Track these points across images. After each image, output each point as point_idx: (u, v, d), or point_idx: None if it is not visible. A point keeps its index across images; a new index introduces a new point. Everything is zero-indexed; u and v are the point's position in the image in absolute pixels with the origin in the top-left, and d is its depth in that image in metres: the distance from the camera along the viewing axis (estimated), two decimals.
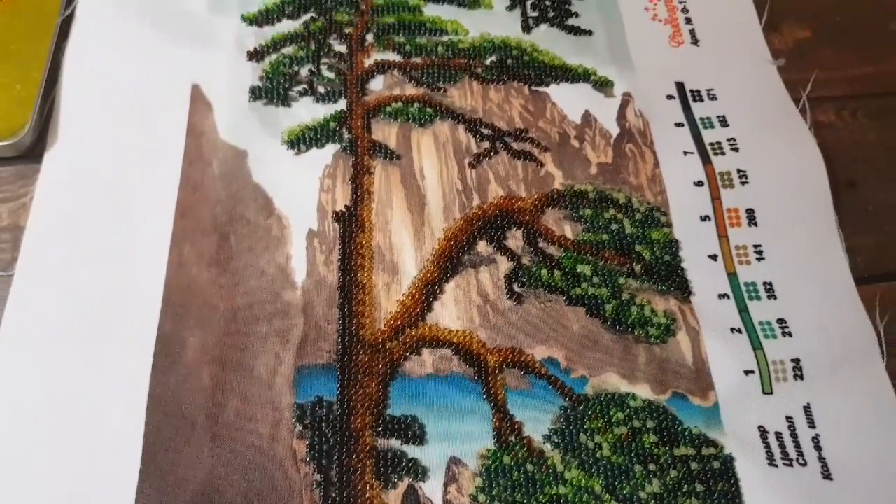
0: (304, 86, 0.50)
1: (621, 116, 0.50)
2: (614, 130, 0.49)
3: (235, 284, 0.43)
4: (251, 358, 0.41)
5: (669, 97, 0.51)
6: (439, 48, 0.52)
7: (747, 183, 0.47)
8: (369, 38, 0.52)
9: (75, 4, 0.51)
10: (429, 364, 0.41)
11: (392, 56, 0.52)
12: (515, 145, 0.49)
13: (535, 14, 0.54)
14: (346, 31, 0.52)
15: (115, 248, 0.43)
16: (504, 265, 0.44)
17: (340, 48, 0.52)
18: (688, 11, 0.55)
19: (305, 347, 0.41)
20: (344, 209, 0.45)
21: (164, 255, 0.43)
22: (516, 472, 0.38)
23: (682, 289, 0.44)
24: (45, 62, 0.48)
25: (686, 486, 0.38)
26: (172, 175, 0.46)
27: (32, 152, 0.46)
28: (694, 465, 0.39)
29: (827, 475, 0.39)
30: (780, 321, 0.43)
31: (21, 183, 0.46)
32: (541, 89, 0.51)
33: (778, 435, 0.40)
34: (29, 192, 0.45)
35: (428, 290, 0.43)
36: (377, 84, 0.51)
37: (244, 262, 0.43)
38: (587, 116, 0.50)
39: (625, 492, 0.38)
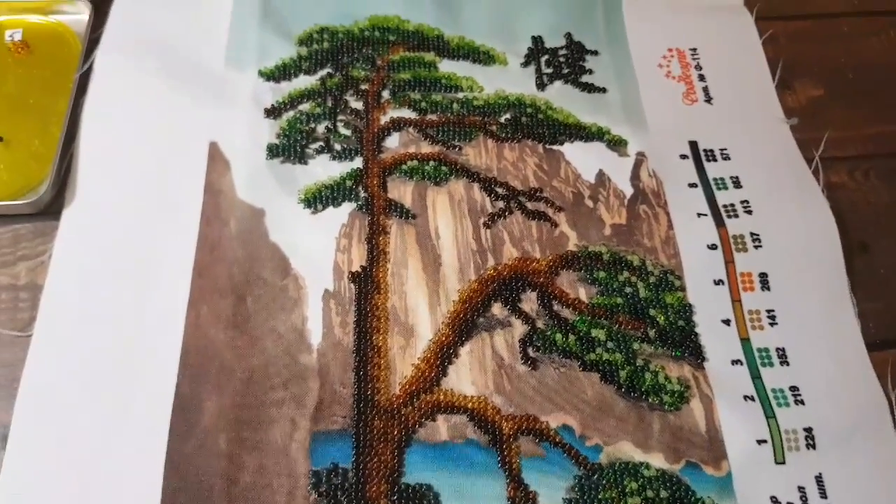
0: (321, 143, 0.50)
1: (635, 176, 0.50)
2: (628, 191, 0.50)
3: (252, 347, 0.43)
4: (267, 423, 0.41)
5: (683, 157, 0.51)
6: (454, 105, 0.52)
7: (760, 247, 0.47)
8: (385, 94, 0.53)
9: (93, 59, 0.51)
10: (444, 430, 0.41)
11: (408, 113, 0.52)
12: (530, 205, 0.49)
13: (550, 71, 0.55)
14: (363, 87, 0.53)
15: (132, 308, 0.44)
16: (519, 328, 0.45)
17: (357, 105, 0.52)
18: (701, 68, 0.55)
19: (321, 412, 0.41)
20: (360, 270, 0.46)
21: (182, 316, 0.43)
22: None
23: (695, 354, 0.44)
24: (63, 117, 0.49)
25: None
26: (190, 234, 0.46)
27: (51, 209, 0.47)
28: None
29: None
30: (793, 388, 0.43)
31: (40, 240, 0.46)
32: (555, 147, 0.51)
33: None
34: (47, 249, 0.46)
35: (443, 354, 0.43)
36: (393, 141, 0.51)
37: (261, 324, 0.44)
38: (601, 176, 0.50)
39: None
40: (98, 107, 0.50)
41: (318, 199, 0.48)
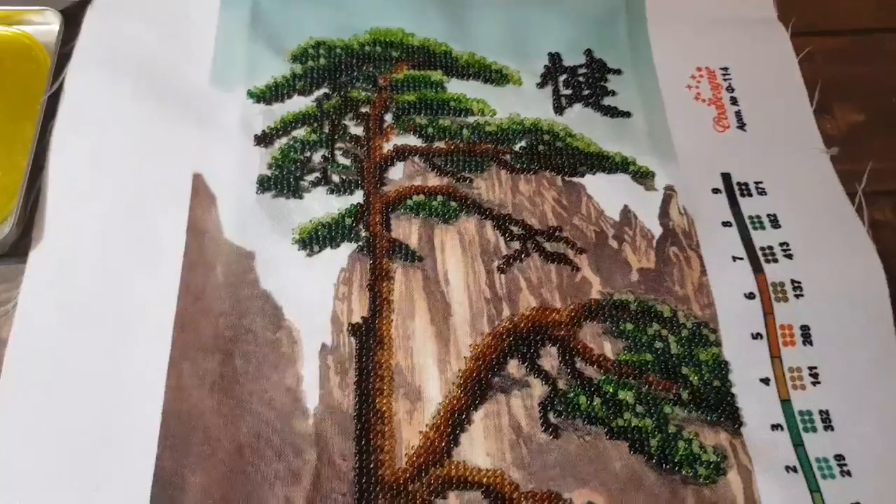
0: (317, 174, 0.45)
1: (664, 214, 0.46)
2: (656, 230, 0.45)
3: (241, 412, 0.38)
4: (258, 503, 0.36)
5: (715, 191, 0.47)
6: (464, 131, 0.48)
7: (802, 296, 0.43)
8: (388, 118, 0.48)
9: (63, 77, 0.46)
10: None
11: (413, 140, 0.47)
12: (548, 246, 0.44)
13: (568, 92, 0.50)
14: (363, 110, 0.48)
15: (107, 368, 0.39)
16: (538, 389, 0.40)
17: (357, 130, 0.47)
18: (733, 90, 0.51)
19: (318, 490, 0.37)
20: (361, 321, 0.41)
21: (162, 377, 0.39)
22: None
23: (732, 419, 0.40)
24: (29, 146, 0.44)
25: None
26: (172, 282, 0.41)
27: (16, 251, 0.42)
28: None
29: None
30: (838, 457, 0.39)
31: (3, 287, 0.41)
32: (575, 179, 0.47)
33: None
34: (12, 298, 0.41)
35: (454, 420, 0.39)
36: (397, 172, 0.46)
37: (250, 386, 0.39)
38: (626, 213, 0.46)
39: None
40: (68, 133, 0.45)
41: (314, 239, 0.43)
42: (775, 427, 0.40)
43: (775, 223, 0.46)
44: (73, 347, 0.39)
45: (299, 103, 0.48)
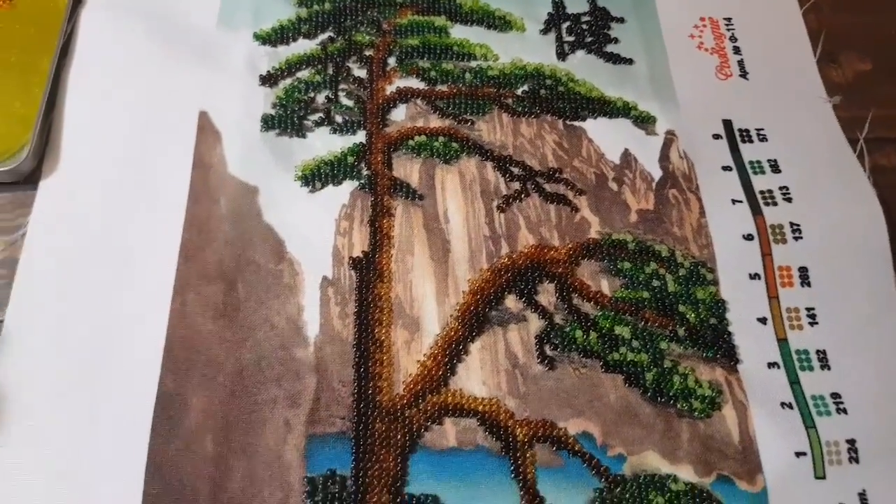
0: (321, 114, 0.46)
1: (664, 157, 0.46)
2: (656, 173, 0.45)
3: (243, 339, 0.39)
4: (259, 424, 0.37)
5: (716, 136, 0.47)
6: (467, 75, 0.48)
7: (801, 238, 0.43)
8: (391, 62, 0.48)
9: (77, 17, 0.47)
10: (451, 435, 0.38)
11: (416, 83, 0.48)
12: (548, 187, 0.45)
13: (572, 39, 0.50)
14: (367, 53, 0.48)
15: (113, 295, 0.40)
16: (535, 323, 0.41)
17: (360, 73, 0.48)
18: (736, 40, 0.51)
19: (318, 413, 0.38)
20: (362, 255, 0.42)
21: (167, 303, 0.40)
22: None
23: (728, 356, 0.40)
24: (46, 78, 0.45)
25: None
26: (177, 213, 0.42)
27: (31, 178, 0.43)
28: None
29: None
30: (835, 395, 0.40)
31: (19, 212, 0.42)
32: (576, 124, 0.47)
33: None
34: (26, 223, 0.42)
35: (451, 351, 0.40)
36: (399, 114, 0.47)
37: (252, 314, 0.40)
38: (627, 156, 0.46)
39: None
40: (82, 69, 0.46)
41: (316, 176, 0.44)
42: (771, 365, 0.40)
43: (775, 168, 0.46)
44: (79, 276, 0.40)
45: (304, 46, 0.48)
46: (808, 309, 0.42)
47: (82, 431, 0.37)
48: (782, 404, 0.39)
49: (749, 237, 0.43)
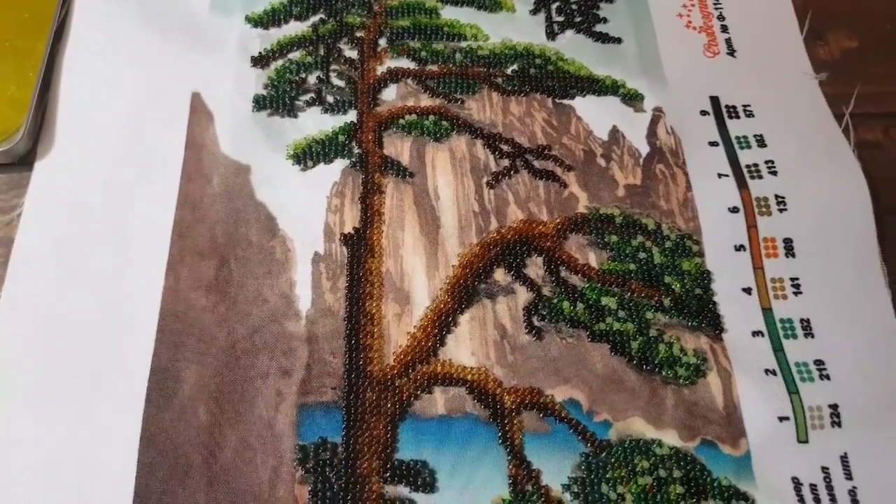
0: (312, 95, 0.47)
1: (651, 134, 0.47)
2: (644, 149, 0.46)
3: (235, 313, 0.40)
4: (251, 394, 0.38)
5: (703, 113, 0.47)
6: (457, 55, 0.49)
7: (786, 210, 0.44)
8: (382, 42, 0.49)
9: (72, 1, 0.48)
10: (441, 404, 0.38)
11: (406, 63, 0.48)
12: (537, 164, 0.45)
13: (561, 19, 0.51)
14: (358, 34, 0.49)
15: (107, 270, 0.41)
16: (523, 296, 0.41)
17: (351, 53, 0.48)
18: (724, 19, 0.51)
19: (309, 383, 0.38)
20: (353, 231, 0.43)
21: (160, 278, 0.40)
22: None
23: (713, 325, 0.41)
24: (41, 61, 0.45)
25: None
26: (170, 191, 0.43)
27: (27, 159, 0.44)
28: None
29: None
30: (818, 362, 0.40)
31: (14, 193, 0.43)
32: (565, 102, 0.48)
33: (813, 487, 0.37)
34: (22, 203, 0.42)
35: (441, 323, 0.40)
36: (390, 94, 0.47)
37: (245, 289, 0.41)
38: (615, 133, 0.47)
39: None
40: (76, 52, 0.47)
41: (308, 154, 0.45)
42: (756, 333, 0.41)
43: (761, 143, 0.46)
44: (74, 253, 0.41)
45: (295, 28, 0.49)
46: (792, 279, 0.42)
47: (78, 403, 0.37)
48: (766, 371, 0.40)
49: (734, 210, 0.44)
